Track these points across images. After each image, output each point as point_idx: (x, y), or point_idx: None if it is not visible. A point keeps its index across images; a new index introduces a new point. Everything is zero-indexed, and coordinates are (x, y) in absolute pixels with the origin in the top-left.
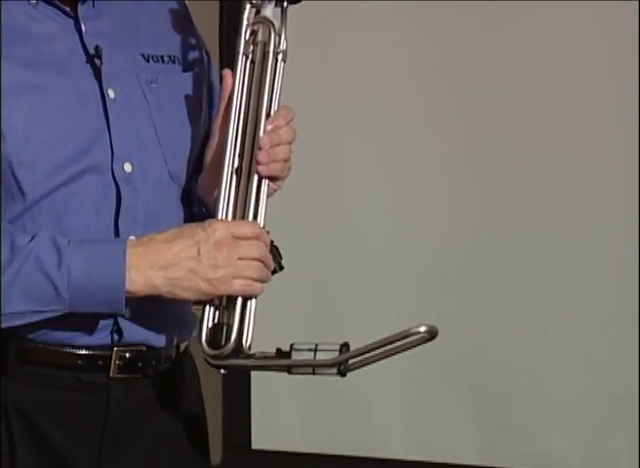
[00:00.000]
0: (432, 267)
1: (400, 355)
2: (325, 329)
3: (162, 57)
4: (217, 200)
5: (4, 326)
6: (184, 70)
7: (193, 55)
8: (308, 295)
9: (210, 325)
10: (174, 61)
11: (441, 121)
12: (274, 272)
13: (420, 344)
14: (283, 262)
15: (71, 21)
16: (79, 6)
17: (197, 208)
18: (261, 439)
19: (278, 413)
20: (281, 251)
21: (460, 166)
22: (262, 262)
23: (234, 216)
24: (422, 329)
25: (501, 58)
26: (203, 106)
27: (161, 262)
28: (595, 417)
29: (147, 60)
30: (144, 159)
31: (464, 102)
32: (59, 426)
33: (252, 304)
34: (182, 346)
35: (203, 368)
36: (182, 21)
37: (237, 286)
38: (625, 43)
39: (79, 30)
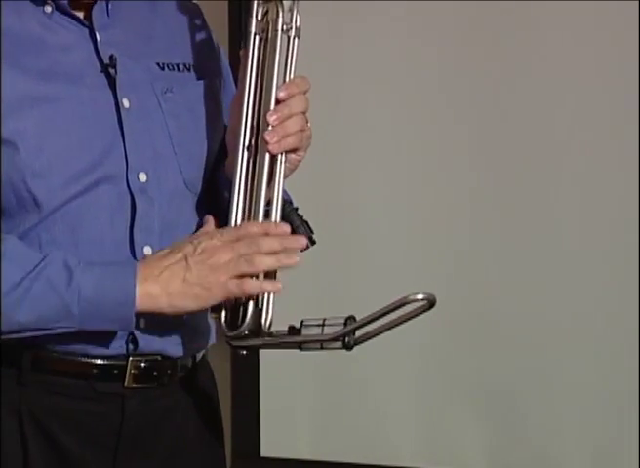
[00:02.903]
0: (441, 273)
1: (410, 363)
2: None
3: (177, 65)
4: (232, 180)
5: (13, 336)
6: (200, 78)
7: (209, 62)
8: (323, 280)
9: (229, 306)
10: (189, 70)
11: (446, 117)
12: (306, 247)
13: (421, 313)
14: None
15: (86, 31)
16: (93, 15)
17: (228, 192)
18: (270, 446)
19: (287, 421)
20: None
21: (465, 161)
22: (255, 256)
23: (249, 198)
24: (420, 296)
25: (503, 60)
26: (221, 113)
27: (155, 274)
28: (607, 427)
29: (162, 69)
30: (159, 168)
31: (469, 100)
32: (73, 435)
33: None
34: (199, 355)
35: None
36: (198, 29)
37: (232, 286)
38: (625, 43)
39: (94, 40)
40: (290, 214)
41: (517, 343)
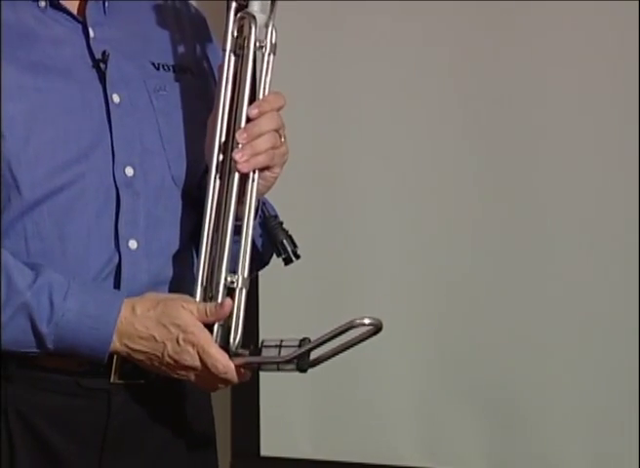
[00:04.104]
0: (441, 276)
1: (410, 362)
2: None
3: (173, 66)
4: (204, 198)
5: None
6: (197, 80)
7: (208, 65)
8: (315, 290)
9: None
10: (185, 72)
11: (448, 118)
12: (290, 261)
13: (369, 337)
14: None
15: (79, 26)
16: (88, 12)
17: None
18: (271, 445)
19: (287, 420)
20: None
21: (467, 164)
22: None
23: (221, 215)
24: (367, 321)
25: (504, 60)
26: None
27: (131, 347)
28: (606, 428)
29: (157, 69)
30: (147, 163)
31: (471, 101)
32: (59, 431)
33: (240, 305)
34: None
35: None
36: (200, 32)
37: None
38: (625, 43)
39: (87, 35)
40: (274, 228)
41: (517, 344)
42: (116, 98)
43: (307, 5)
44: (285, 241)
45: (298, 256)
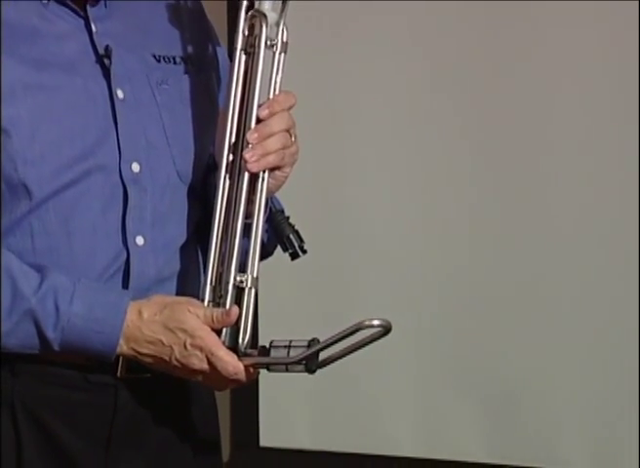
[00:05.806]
0: (441, 268)
1: (408, 353)
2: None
3: (174, 58)
4: (214, 197)
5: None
6: (197, 71)
7: (207, 56)
8: (314, 289)
9: None
10: (186, 63)
11: (446, 120)
12: (296, 256)
13: (378, 338)
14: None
15: (82, 21)
16: (89, 6)
17: None
18: (270, 436)
19: (287, 411)
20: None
21: (465, 163)
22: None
23: (230, 214)
24: (376, 322)
25: (506, 60)
26: (217, 107)
27: (138, 351)
28: (604, 415)
29: (158, 61)
30: (153, 159)
31: (468, 102)
32: (66, 425)
33: (249, 305)
34: None
35: None
36: (198, 23)
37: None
38: (625, 43)
39: (89, 30)
40: (281, 223)
41: (516, 335)
42: (120, 94)
43: (306, 4)
44: (292, 236)
45: (304, 252)
